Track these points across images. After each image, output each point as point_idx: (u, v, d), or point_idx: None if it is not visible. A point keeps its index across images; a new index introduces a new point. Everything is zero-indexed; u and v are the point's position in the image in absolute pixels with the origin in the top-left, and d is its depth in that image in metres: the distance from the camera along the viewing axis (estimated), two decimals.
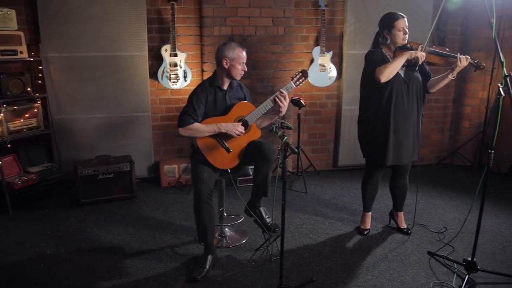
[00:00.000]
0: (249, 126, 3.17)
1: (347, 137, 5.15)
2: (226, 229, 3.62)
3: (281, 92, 3.13)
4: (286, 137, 2.56)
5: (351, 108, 5.00)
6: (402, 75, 3.26)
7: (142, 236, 3.62)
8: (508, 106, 5.39)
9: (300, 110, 4.73)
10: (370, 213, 3.72)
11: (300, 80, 3.27)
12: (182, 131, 3.05)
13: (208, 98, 3.12)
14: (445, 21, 5.36)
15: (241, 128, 3.09)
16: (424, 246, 3.49)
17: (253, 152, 3.14)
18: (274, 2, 4.71)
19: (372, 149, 3.45)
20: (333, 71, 4.97)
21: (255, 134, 3.22)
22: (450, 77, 3.26)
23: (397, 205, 3.72)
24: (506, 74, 2.70)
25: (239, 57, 3.10)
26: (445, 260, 3.26)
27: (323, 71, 4.94)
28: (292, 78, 3.26)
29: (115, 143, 4.74)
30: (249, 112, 3.16)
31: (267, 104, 3.16)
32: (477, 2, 5.03)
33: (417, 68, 3.31)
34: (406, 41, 3.25)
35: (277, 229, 3.23)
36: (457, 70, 3.21)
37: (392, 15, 3.27)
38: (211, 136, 3.09)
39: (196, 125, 3.05)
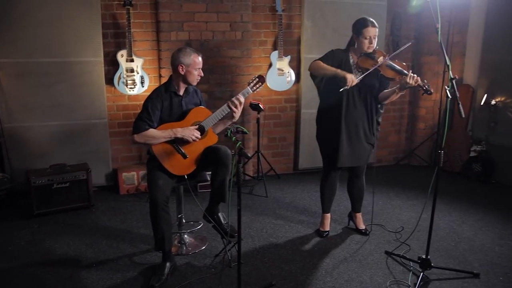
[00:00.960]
0: (205, 132, 3.15)
1: (307, 140, 5.20)
2: (185, 236, 3.57)
3: (234, 101, 3.13)
4: (240, 142, 2.55)
5: (310, 112, 5.05)
6: (359, 82, 3.29)
7: (99, 246, 3.53)
8: (463, 108, 5.60)
9: (259, 115, 4.76)
10: (329, 215, 3.76)
11: (257, 86, 3.28)
12: (137, 137, 3.00)
13: (164, 104, 3.08)
14: (399, 26, 5.52)
15: (197, 133, 3.07)
16: (382, 246, 3.56)
17: (210, 158, 3.13)
18: (231, 7, 4.71)
19: (326, 150, 3.52)
20: (291, 75, 5.02)
21: (212, 140, 3.21)
22: (398, 92, 3.27)
23: (355, 206, 3.78)
24: (452, 76, 2.79)
25: (195, 63, 3.08)
26: (401, 259, 3.33)
27: (281, 75, 4.97)
28: (249, 84, 3.27)
29: (71, 151, 4.61)
30: (206, 117, 3.15)
31: (224, 109, 3.16)
32: (429, 7, 5.19)
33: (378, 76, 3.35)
34: (371, 49, 3.29)
35: (236, 234, 3.21)
36: (405, 87, 3.19)
37: (363, 21, 3.29)
38: (167, 142, 3.05)
39: (152, 131, 3.00)
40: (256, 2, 4.90)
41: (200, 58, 3.12)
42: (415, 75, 3.17)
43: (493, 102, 5.13)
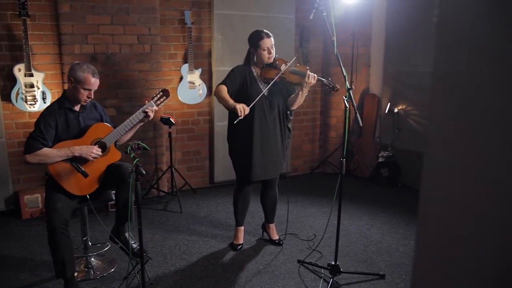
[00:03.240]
0: (107, 148, 3.01)
1: (221, 153, 5.17)
2: (92, 259, 3.37)
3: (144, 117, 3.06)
4: (137, 159, 2.45)
5: (223, 124, 5.02)
6: (266, 93, 3.33)
7: None
8: (371, 116, 5.89)
9: (170, 129, 4.66)
10: (242, 228, 3.74)
11: (161, 100, 3.20)
12: (29, 157, 2.79)
13: (58, 121, 2.89)
14: (308, 38, 5.70)
15: (97, 151, 2.91)
16: (295, 255, 3.59)
17: (113, 175, 2.98)
18: (138, 20, 4.59)
19: (239, 164, 3.49)
20: (203, 88, 4.98)
21: (115, 156, 3.06)
22: (301, 93, 3.33)
23: (268, 217, 3.79)
24: (349, 87, 2.90)
25: (85, 81, 2.89)
26: (313, 266, 3.39)
27: (192, 88, 4.92)
28: (153, 98, 3.18)
29: None
30: (107, 133, 3.00)
31: (127, 124, 3.04)
32: (337, 21, 5.41)
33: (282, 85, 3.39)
34: (271, 59, 3.34)
35: (145, 254, 3.08)
36: (306, 86, 3.26)
37: (258, 34, 3.32)
38: (65, 161, 2.87)
39: (46, 150, 2.80)
40: (164, 15, 4.81)
41: (93, 80, 2.92)
42: (312, 73, 3.26)
43: (396, 110, 5.44)
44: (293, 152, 5.87)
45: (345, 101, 2.89)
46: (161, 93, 3.20)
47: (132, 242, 3.13)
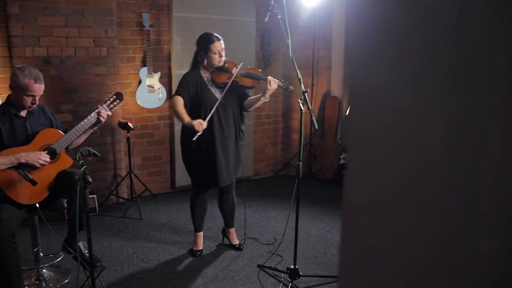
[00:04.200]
0: (57, 155, 2.90)
1: None
2: (44, 270, 3.24)
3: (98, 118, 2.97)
4: (85, 166, 2.37)
5: None
6: (221, 98, 3.27)
7: None
8: (332, 118, 5.93)
9: (129, 134, 4.55)
10: (201, 233, 3.68)
11: (115, 103, 3.11)
12: None
13: (3, 127, 2.76)
14: (269, 42, 5.70)
15: (45, 157, 2.80)
16: (255, 259, 3.56)
17: (63, 183, 2.87)
18: (94, 22, 4.47)
19: (198, 170, 3.43)
20: (162, 92, 4.89)
21: (65, 163, 2.95)
22: (263, 99, 3.32)
23: (228, 222, 3.75)
24: (304, 90, 2.90)
25: (27, 88, 2.74)
26: (273, 271, 3.36)
27: (152, 92, 4.83)
28: (105, 102, 3.09)
29: None
30: (57, 139, 2.89)
31: (78, 129, 2.94)
32: (297, 23, 5.45)
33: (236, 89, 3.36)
34: (222, 63, 3.31)
35: (99, 263, 2.99)
36: (269, 92, 3.27)
37: (207, 37, 3.27)
38: (11, 168, 2.74)
39: None
40: (121, 17, 4.71)
41: (36, 86, 2.77)
42: (274, 78, 3.26)
43: None
44: (256, 156, 5.85)
45: (300, 104, 2.89)
46: (114, 97, 3.12)
47: (86, 252, 3.02)
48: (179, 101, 3.20)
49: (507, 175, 0.50)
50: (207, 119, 3.13)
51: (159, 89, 4.86)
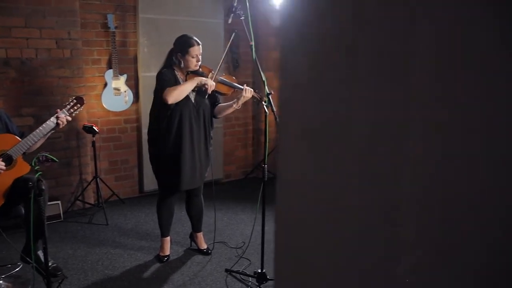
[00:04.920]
0: (13, 161, 2.79)
1: None
2: (1, 281, 3.12)
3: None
4: (39, 173, 2.29)
5: None
6: (193, 100, 3.24)
7: None
8: None
9: (94, 137, 4.44)
10: (168, 238, 3.62)
11: (75, 108, 3.03)
12: None
13: None
14: (237, 44, 5.66)
15: (0, 165, 2.70)
16: (223, 264, 3.52)
17: (20, 191, 2.77)
18: (56, 23, 4.35)
19: (165, 173, 3.37)
20: (129, 95, 4.80)
21: (22, 170, 2.85)
22: (235, 106, 3.30)
23: (196, 226, 3.70)
24: (268, 92, 2.88)
25: None
26: (240, 275, 3.33)
27: (118, 95, 4.73)
28: (65, 106, 3.00)
29: None
30: (13, 145, 2.79)
31: (36, 135, 2.84)
32: (264, 26, 5.44)
33: (207, 96, 3.32)
34: (198, 67, 3.27)
35: (59, 272, 2.90)
36: (242, 100, 3.26)
37: (188, 40, 3.22)
38: None
39: None
40: (85, 18, 4.59)
41: None
42: (249, 87, 3.26)
43: None
44: (226, 158, 5.81)
45: (265, 106, 2.86)
46: (74, 101, 3.04)
47: (50, 262, 2.92)
48: (171, 88, 3.12)
49: (428, 180, 0.48)
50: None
51: (125, 91, 4.77)
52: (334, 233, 0.59)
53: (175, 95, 3.10)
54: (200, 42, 3.26)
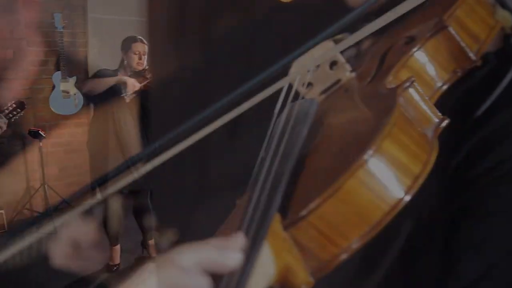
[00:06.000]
0: None
1: None
2: None
3: None
4: None
5: None
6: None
7: None
8: None
9: (41, 143, 4.25)
10: (118, 247, 3.50)
11: (15, 113, 2.88)
12: None
13: None
14: None
15: None
16: None
17: None
18: None
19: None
20: (79, 98, 4.61)
21: None
22: None
23: (146, 233, 3.60)
24: None
25: None
26: None
27: (67, 97, 4.53)
28: (3, 111, 2.84)
29: None
30: None
31: None
32: None
33: None
34: (141, 66, 3.25)
35: None
36: None
37: (132, 37, 3.24)
38: None
39: None
40: (30, 17, 4.39)
41: None
42: None
43: None
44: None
45: None
46: (14, 106, 2.88)
47: None
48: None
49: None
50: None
51: (75, 94, 4.57)
52: None
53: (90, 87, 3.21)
54: (145, 42, 3.22)
